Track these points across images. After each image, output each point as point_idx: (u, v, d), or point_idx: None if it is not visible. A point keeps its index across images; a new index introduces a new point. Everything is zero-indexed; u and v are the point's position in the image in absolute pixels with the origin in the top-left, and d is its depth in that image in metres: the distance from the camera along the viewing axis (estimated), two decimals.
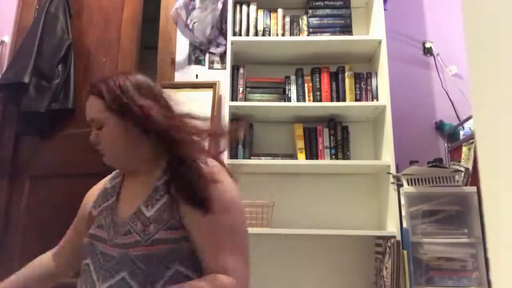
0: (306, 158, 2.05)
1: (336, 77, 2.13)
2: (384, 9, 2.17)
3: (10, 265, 2.19)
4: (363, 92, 2.10)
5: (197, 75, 2.35)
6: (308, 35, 2.18)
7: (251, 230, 1.91)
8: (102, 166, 1.04)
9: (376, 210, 2.12)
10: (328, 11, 2.21)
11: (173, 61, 2.39)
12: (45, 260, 1.16)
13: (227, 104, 2.03)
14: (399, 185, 1.86)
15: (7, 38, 2.53)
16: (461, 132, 2.17)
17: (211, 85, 2.29)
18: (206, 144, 1.03)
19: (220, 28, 2.37)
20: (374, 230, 2.08)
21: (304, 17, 2.23)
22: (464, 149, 1.98)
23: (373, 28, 2.23)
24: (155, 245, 0.88)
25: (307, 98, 2.11)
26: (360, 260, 2.05)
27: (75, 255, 1.07)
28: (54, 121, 2.27)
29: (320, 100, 2.10)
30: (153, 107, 0.97)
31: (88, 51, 2.36)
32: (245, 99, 2.10)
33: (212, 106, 2.24)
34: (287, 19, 2.23)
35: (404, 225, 1.79)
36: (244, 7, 2.23)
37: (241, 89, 2.11)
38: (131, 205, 0.97)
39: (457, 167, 1.91)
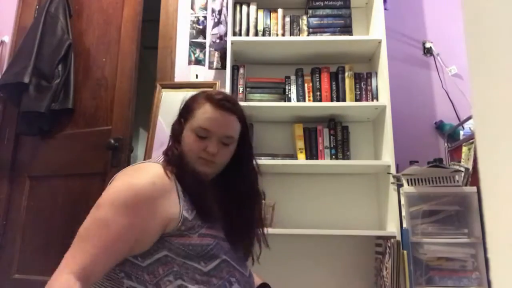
0: (306, 158, 2.05)
1: (336, 77, 2.13)
2: (384, 9, 2.17)
3: (10, 265, 2.19)
4: (363, 92, 2.10)
5: (197, 75, 2.35)
6: (308, 35, 2.18)
7: None
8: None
9: (376, 210, 2.12)
10: (328, 11, 2.21)
11: (173, 61, 2.39)
12: None
13: None
14: (399, 185, 1.86)
15: (7, 38, 2.53)
16: (461, 132, 2.17)
17: (211, 85, 2.29)
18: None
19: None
20: (374, 230, 2.08)
21: (304, 17, 2.23)
22: (464, 149, 1.98)
23: (373, 28, 2.23)
24: None
25: (307, 98, 2.11)
26: (360, 260, 2.05)
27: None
28: (54, 121, 2.27)
29: (320, 100, 2.10)
30: None
31: (88, 51, 2.36)
32: (245, 99, 2.10)
33: None
34: (287, 19, 2.23)
35: (404, 225, 1.78)
36: (244, 7, 2.23)
37: (241, 89, 2.11)
38: None
39: (457, 167, 1.91)
